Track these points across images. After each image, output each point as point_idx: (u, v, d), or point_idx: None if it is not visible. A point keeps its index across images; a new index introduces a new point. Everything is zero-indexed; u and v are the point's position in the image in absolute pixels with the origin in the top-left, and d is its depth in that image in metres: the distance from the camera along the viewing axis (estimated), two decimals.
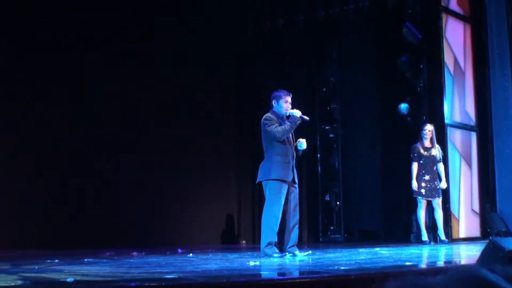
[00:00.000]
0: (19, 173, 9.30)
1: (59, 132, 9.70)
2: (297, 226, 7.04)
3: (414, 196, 9.71)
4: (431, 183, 9.64)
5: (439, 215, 9.69)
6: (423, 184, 9.63)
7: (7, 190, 9.16)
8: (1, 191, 9.08)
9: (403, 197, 11.14)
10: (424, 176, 9.64)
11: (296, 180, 7.04)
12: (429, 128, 9.79)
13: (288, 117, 7.02)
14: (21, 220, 9.16)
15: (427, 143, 9.74)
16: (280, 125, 6.92)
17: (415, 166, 9.67)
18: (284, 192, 6.90)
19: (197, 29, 11.41)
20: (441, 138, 10.16)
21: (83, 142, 9.81)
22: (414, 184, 9.61)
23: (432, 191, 9.64)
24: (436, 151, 9.75)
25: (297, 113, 6.96)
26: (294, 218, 7.01)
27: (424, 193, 9.62)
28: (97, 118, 10.01)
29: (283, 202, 6.89)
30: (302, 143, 7.06)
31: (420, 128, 9.92)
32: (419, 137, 9.81)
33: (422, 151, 9.68)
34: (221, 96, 12.02)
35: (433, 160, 9.68)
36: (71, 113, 9.84)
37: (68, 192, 9.63)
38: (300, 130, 7.22)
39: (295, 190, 7.05)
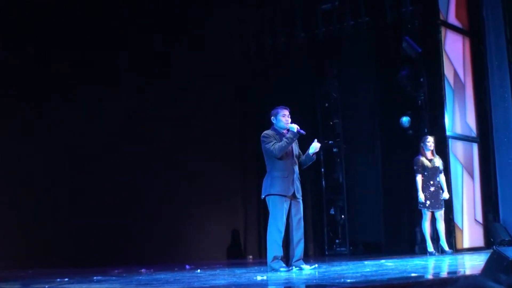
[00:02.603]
0: (27, 193, 9.36)
1: (67, 151, 9.78)
2: (302, 240, 7.08)
3: (419, 208, 9.71)
4: (436, 195, 9.68)
5: (441, 226, 9.71)
6: (428, 196, 9.64)
7: (16, 210, 9.23)
8: (10, 211, 9.16)
9: (406, 209, 11.23)
10: (430, 188, 9.63)
11: (298, 194, 7.03)
12: (432, 140, 9.82)
13: (288, 131, 7.08)
14: (31, 240, 9.22)
15: (429, 154, 9.77)
16: (279, 141, 6.99)
17: (419, 178, 9.62)
18: (286, 206, 6.96)
19: (199, 47, 11.53)
20: (443, 150, 10.23)
21: (90, 161, 9.90)
22: (422, 196, 9.56)
23: (437, 203, 9.67)
24: (439, 162, 9.80)
25: (294, 127, 7.00)
26: (298, 232, 7.05)
27: (429, 205, 9.65)
28: (104, 137, 10.10)
29: (285, 216, 6.94)
30: (313, 147, 7.08)
31: (420, 140, 9.92)
32: (420, 149, 9.80)
33: (426, 162, 9.68)
34: (225, 113, 12.14)
35: (436, 171, 9.71)
36: (78, 131, 9.92)
37: (76, 211, 9.69)
38: (304, 145, 7.30)
39: (299, 204, 7.07)
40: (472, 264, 7.52)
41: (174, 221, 10.89)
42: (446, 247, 9.69)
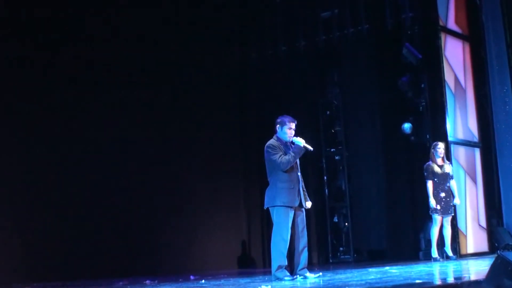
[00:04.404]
0: (30, 205, 9.36)
1: (70, 162, 9.78)
2: (306, 249, 7.06)
3: (431, 213, 9.68)
4: (447, 200, 9.67)
5: (447, 232, 9.71)
6: (439, 202, 9.65)
7: (20, 224, 9.23)
8: (14, 225, 9.16)
9: (409, 215, 11.23)
10: (440, 194, 9.63)
11: (304, 204, 7.02)
12: (442, 146, 9.81)
13: (293, 143, 7.05)
14: (35, 253, 9.22)
15: (439, 161, 9.74)
16: (284, 152, 6.95)
17: (430, 184, 9.60)
18: (291, 216, 6.94)
19: (200, 56, 11.54)
20: (445, 156, 10.23)
21: (94, 174, 9.89)
22: (433, 202, 9.54)
23: (447, 208, 9.66)
24: (449, 168, 9.80)
25: (301, 141, 6.97)
26: (302, 241, 7.04)
27: (440, 211, 9.64)
28: (107, 148, 10.10)
29: (290, 226, 6.94)
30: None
31: (431, 146, 9.87)
32: (430, 155, 9.77)
33: (436, 169, 9.68)
34: (227, 123, 12.16)
35: (446, 177, 9.69)
36: (81, 146, 9.93)
37: (80, 223, 9.68)
38: (306, 153, 7.29)
39: (302, 214, 7.05)
40: (476, 270, 7.51)
41: (177, 232, 10.89)
42: (450, 253, 9.68)
